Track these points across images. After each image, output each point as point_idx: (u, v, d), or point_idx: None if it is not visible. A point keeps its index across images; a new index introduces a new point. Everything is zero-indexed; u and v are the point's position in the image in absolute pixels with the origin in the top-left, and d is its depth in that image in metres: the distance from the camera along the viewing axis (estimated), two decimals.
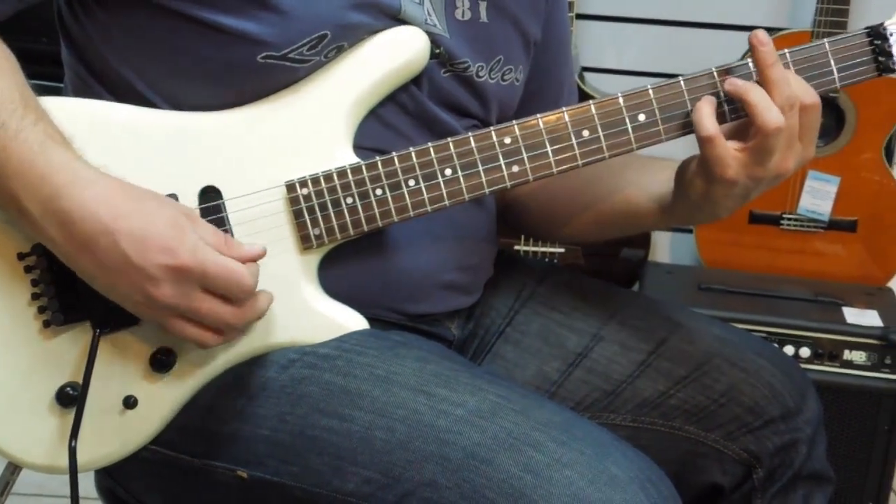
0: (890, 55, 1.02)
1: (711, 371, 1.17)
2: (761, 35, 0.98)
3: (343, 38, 1.01)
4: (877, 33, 1.02)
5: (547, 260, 2.23)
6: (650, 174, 1.14)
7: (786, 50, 1.02)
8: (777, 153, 0.98)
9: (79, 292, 0.96)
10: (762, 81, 0.98)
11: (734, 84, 1.00)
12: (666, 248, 2.51)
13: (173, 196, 0.98)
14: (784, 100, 0.97)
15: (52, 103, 0.96)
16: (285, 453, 0.98)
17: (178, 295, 0.90)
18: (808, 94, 0.99)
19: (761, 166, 0.99)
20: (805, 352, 1.94)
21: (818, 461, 1.19)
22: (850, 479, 1.95)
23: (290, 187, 1.01)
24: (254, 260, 0.94)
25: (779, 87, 0.97)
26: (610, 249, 2.30)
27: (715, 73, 1.02)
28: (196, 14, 0.97)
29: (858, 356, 1.93)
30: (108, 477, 1.13)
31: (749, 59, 1.01)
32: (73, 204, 0.89)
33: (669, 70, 1.07)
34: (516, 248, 2.23)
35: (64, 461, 0.97)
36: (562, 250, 2.25)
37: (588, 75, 2.39)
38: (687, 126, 1.02)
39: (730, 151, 0.98)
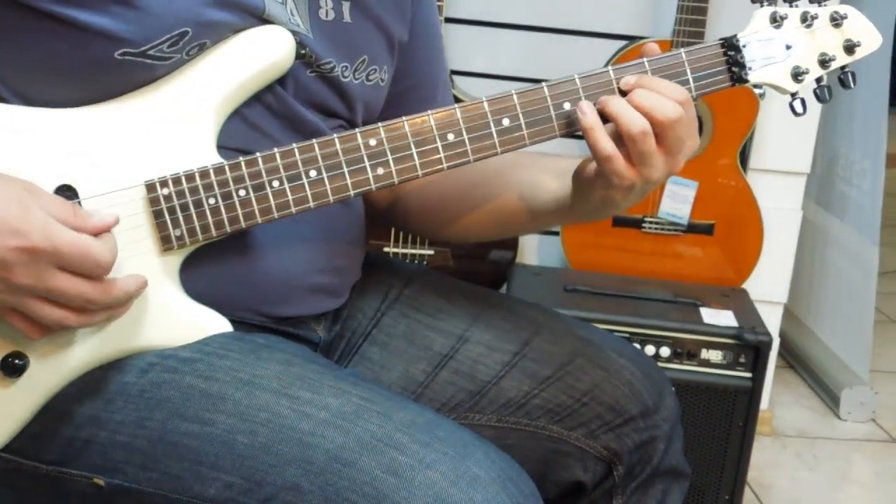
0: (742, 66, 1.05)
1: (574, 371, 1.19)
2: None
3: (205, 36, 0.99)
4: (730, 44, 1.06)
5: (416, 262, 2.24)
6: (545, 174, 1.15)
7: (644, 59, 1.04)
8: (657, 155, 1.00)
9: None
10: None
11: (599, 102, 1.01)
12: (534, 250, 2.55)
13: None
14: (658, 123, 0.99)
15: None
16: (144, 459, 0.96)
17: (32, 276, 0.87)
18: (680, 95, 1.01)
19: (649, 167, 1.01)
20: (665, 351, 2.00)
21: (675, 457, 1.23)
22: (707, 473, 2.02)
23: (150, 187, 0.98)
24: (106, 229, 0.91)
25: (619, 120, 0.99)
26: (479, 251, 2.33)
27: (577, 80, 1.03)
28: (49, 8, 0.94)
29: (715, 355, 2.00)
30: None
31: (610, 67, 1.04)
32: None
33: (538, 75, 1.08)
34: (386, 249, 2.23)
35: None
36: (431, 252, 2.26)
37: (457, 78, 2.40)
38: (550, 132, 1.04)
39: (624, 163, 1.00)
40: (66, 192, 0.96)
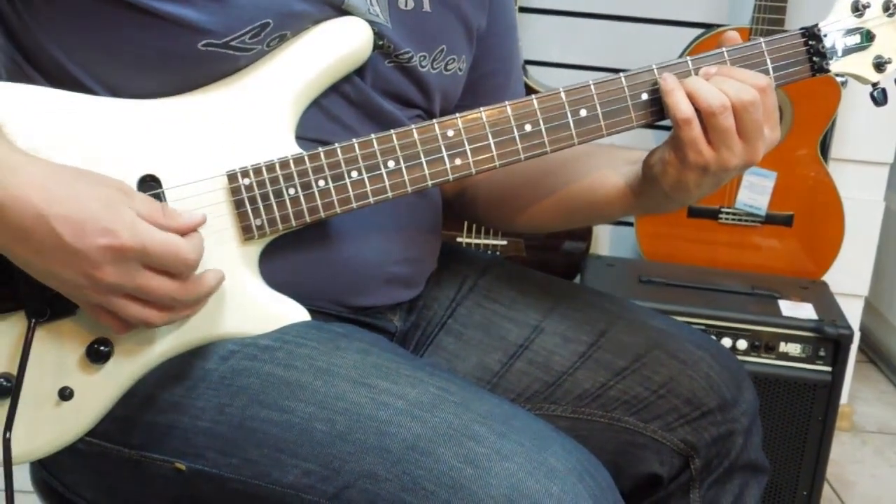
0: (823, 56, 1.04)
1: (651, 363, 1.18)
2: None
3: (286, 27, 1.00)
4: (812, 34, 1.04)
5: (489, 252, 2.24)
6: (614, 163, 1.14)
7: (723, 48, 1.03)
8: (735, 137, 0.99)
9: (14, 281, 0.94)
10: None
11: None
12: (607, 240, 2.54)
13: None
14: (706, 106, 0.98)
15: None
16: (224, 445, 0.98)
17: (121, 274, 0.88)
18: (760, 81, 0.99)
19: (727, 149, 0.99)
20: (742, 344, 1.97)
21: (754, 451, 1.21)
22: (785, 468, 1.99)
23: (232, 177, 1.00)
24: (193, 229, 0.93)
25: (698, 95, 0.98)
26: (552, 242, 2.32)
27: (655, 70, 1.02)
28: (134, 0, 0.96)
29: (794, 348, 1.97)
30: (44, 469, 1.11)
31: (689, 57, 1.03)
32: (2, 191, 0.86)
33: (612, 64, 1.08)
34: (458, 240, 2.24)
35: None
36: (504, 243, 2.26)
37: (531, 68, 2.40)
38: (627, 122, 1.03)
39: (702, 132, 0.99)
40: (150, 182, 0.98)
